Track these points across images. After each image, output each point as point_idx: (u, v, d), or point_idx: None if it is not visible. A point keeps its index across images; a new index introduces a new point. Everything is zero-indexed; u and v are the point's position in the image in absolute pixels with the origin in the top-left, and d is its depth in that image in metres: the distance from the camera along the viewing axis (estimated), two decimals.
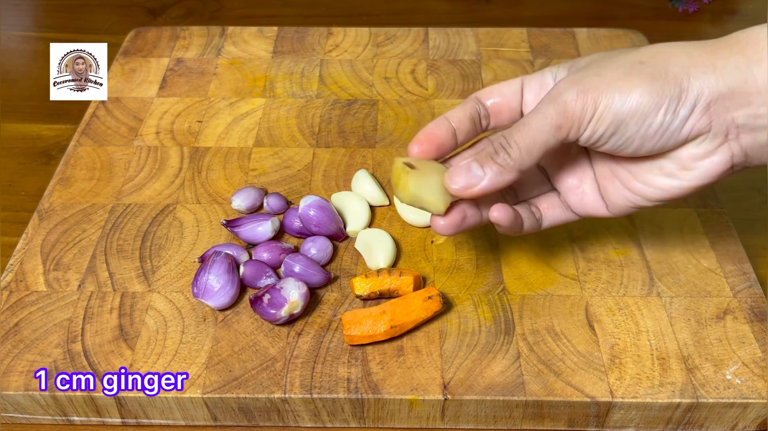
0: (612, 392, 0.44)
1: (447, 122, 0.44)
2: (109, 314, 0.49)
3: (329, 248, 0.52)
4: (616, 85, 0.38)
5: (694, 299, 0.50)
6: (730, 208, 0.57)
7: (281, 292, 0.47)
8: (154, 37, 0.75)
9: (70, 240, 0.54)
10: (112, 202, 0.57)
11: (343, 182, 0.59)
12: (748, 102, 0.37)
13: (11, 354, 0.47)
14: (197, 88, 0.68)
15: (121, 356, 0.46)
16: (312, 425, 0.47)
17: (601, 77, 0.39)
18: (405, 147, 0.62)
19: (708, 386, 0.45)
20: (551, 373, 0.45)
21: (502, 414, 0.46)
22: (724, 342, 0.47)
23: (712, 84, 0.38)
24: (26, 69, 0.78)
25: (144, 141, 0.62)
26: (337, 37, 0.75)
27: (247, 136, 0.63)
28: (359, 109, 0.66)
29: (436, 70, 0.70)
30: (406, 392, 0.45)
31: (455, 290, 0.50)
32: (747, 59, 0.37)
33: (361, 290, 0.49)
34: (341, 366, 0.46)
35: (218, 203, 0.57)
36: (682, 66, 0.38)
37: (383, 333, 0.46)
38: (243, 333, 0.48)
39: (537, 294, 0.50)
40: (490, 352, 0.47)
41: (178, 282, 0.51)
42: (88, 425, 0.47)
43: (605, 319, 0.48)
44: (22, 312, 0.49)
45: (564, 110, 0.39)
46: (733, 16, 0.85)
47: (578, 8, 0.87)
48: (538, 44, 0.73)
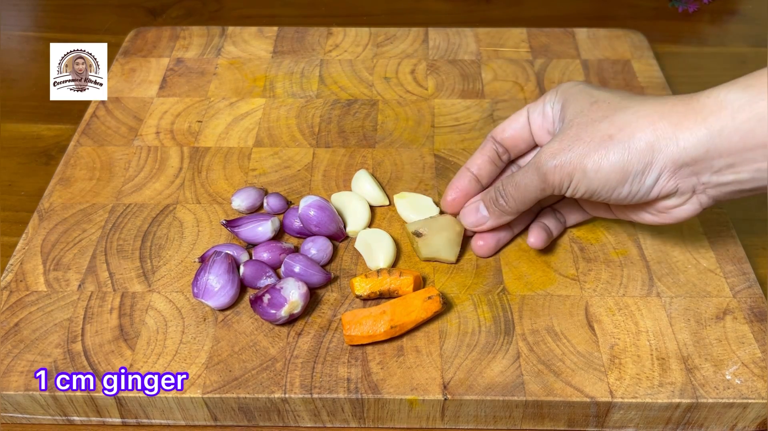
0: (612, 392, 0.44)
1: (469, 173, 0.52)
2: (109, 314, 0.49)
3: (329, 248, 0.52)
4: (589, 161, 0.43)
5: (694, 299, 0.50)
6: (730, 208, 0.57)
7: (281, 292, 0.47)
8: (154, 37, 0.75)
9: (70, 241, 0.54)
10: (112, 202, 0.57)
11: (343, 182, 0.59)
12: (710, 166, 0.42)
13: (11, 354, 0.47)
14: (197, 88, 0.68)
15: (121, 356, 0.46)
16: (312, 425, 0.47)
17: (574, 152, 0.44)
18: (405, 147, 0.62)
19: (708, 386, 0.45)
20: (551, 373, 0.45)
21: (502, 414, 0.46)
22: (723, 343, 0.47)
23: (676, 157, 0.42)
24: (26, 69, 0.78)
25: (144, 141, 0.62)
26: (337, 37, 0.75)
27: (247, 136, 0.63)
28: (359, 109, 0.66)
29: (436, 70, 0.70)
30: (406, 392, 0.45)
31: (455, 290, 0.50)
32: (709, 131, 0.41)
33: (361, 290, 0.49)
34: (341, 366, 0.46)
35: (218, 203, 0.57)
36: (647, 141, 0.42)
37: (383, 333, 0.46)
38: (243, 333, 0.48)
39: (537, 294, 0.50)
40: (490, 352, 0.47)
41: (178, 282, 0.51)
42: (88, 425, 0.47)
43: (605, 319, 0.48)
44: (22, 312, 0.49)
45: (545, 179, 0.46)
46: (733, 16, 0.85)
47: (578, 8, 0.87)
48: (538, 44, 0.73)
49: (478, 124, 0.64)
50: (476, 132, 0.63)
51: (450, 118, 0.65)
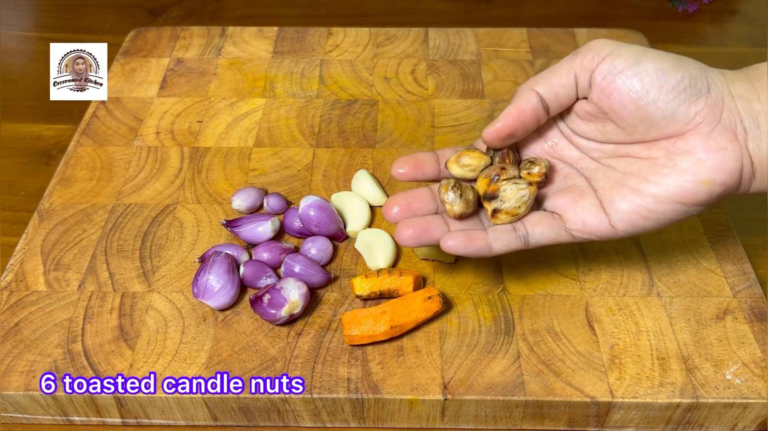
0: (612, 392, 0.44)
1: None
2: (109, 314, 0.49)
3: (329, 248, 0.52)
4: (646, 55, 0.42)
5: (694, 299, 0.50)
6: (730, 208, 0.57)
7: (281, 292, 0.47)
8: (154, 37, 0.75)
9: (71, 241, 0.54)
10: (112, 202, 0.57)
11: (343, 182, 0.59)
12: (750, 108, 0.40)
13: (11, 354, 0.47)
14: (197, 88, 0.68)
15: (121, 356, 0.46)
16: (312, 425, 0.47)
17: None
18: (405, 147, 0.62)
19: (708, 386, 0.45)
20: (551, 373, 0.45)
21: (502, 414, 0.46)
22: (723, 342, 0.47)
23: (725, 89, 0.41)
24: (26, 69, 0.78)
25: (144, 141, 0.62)
26: (337, 37, 0.75)
27: (247, 136, 0.63)
28: (359, 109, 0.66)
29: (436, 70, 0.70)
30: (406, 392, 0.45)
31: (455, 290, 0.50)
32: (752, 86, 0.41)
33: (361, 290, 0.49)
34: (341, 366, 0.46)
35: (218, 203, 0.57)
36: (701, 68, 0.41)
37: (383, 333, 0.46)
38: (243, 333, 0.48)
39: (537, 294, 0.50)
40: (490, 352, 0.47)
41: (178, 282, 0.51)
42: (88, 425, 0.47)
43: (605, 319, 0.48)
44: (22, 312, 0.49)
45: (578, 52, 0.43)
46: (733, 16, 0.85)
47: (578, 8, 0.87)
48: (538, 44, 0.73)
49: (478, 124, 0.64)
50: (476, 132, 0.63)
51: (450, 118, 0.65)
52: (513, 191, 0.43)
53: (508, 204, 0.43)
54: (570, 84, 0.43)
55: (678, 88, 0.40)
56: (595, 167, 0.45)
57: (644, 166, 0.42)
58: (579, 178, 0.46)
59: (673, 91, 0.40)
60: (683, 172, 0.41)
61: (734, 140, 0.40)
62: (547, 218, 0.44)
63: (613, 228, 0.43)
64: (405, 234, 0.43)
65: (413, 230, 0.43)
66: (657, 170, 0.42)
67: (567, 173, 0.46)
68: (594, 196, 0.44)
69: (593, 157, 0.46)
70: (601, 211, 0.43)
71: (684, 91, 0.40)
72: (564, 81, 0.43)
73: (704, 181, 0.40)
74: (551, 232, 0.44)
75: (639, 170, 0.42)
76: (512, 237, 0.44)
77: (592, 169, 0.45)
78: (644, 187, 0.42)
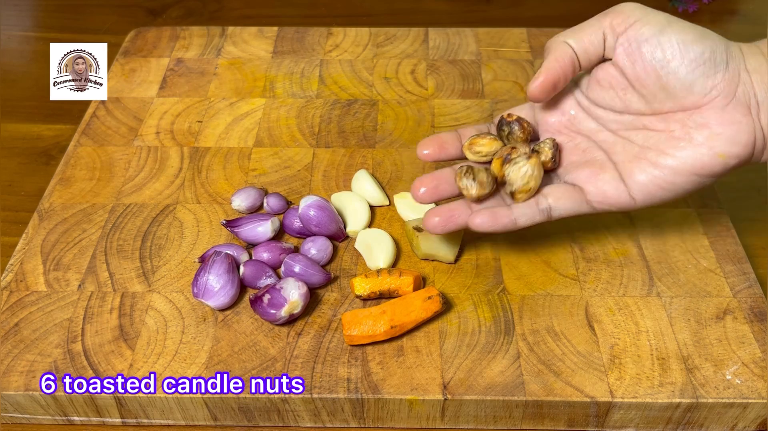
0: (612, 392, 0.44)
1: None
2: (109, 314, 0.49)
3: (329, 248, 0.52)
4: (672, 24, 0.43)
5: (694, 299, 0.50)
6: (730, 208, 0.57)
7: (281, 292, 0.47)
8: (154, 37, 0.75)
9: (70, 241, 0.54)
10: (112, 202, 0.57)
11: (343, 182, 0.59)
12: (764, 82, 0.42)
13: (11, 354, 0.47)
14: (197, 88, 0.68)
15: (121, 356, 0.46)
16: (312, 425, 0.47)
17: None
18: (405, 147, 0.62)
19: (708, 386, 0.45)
20: (551, 373, 0.45)
21: (502, 414, 0.46)
22: (723, 343, 0.47)
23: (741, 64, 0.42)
24: (26, 69, 0.78)
25: (144, 141, 0.62)
26: (337, 37, 0.75)
27: (247, 136, 0.63)
28: (359, 109, 0.66)
29: (436, 70, 0.70)
30: (406, 392, 0.45)
31: (455, 290, 0.50)
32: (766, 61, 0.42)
33: (361, 290, 0.49)
34: (341, 366, 0.46)
35: (218, 203, 0.57)
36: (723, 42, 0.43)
37: (383, 333, 0.46)
38: (243, 333, 0.48)
39: (537, 295, 0.50)
40: (490, 352, 0.47)
41: (178, 282, 0.51)
42: (88, 425, 0.47)
43: (605, 319, 0.48)
44: (22, 312, 0.49)
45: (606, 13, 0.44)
46: (733, 16, 0.85)
47: (578, 8, 0.87)
48: (538, 44, 0.73)
49: (478, 124, 0.64)
50: None
51: (450, 118, 0.65)
52: (515, 171, 0.45)
53: (517, 184, 0.45)
54: (599, 42, 0.45)
55: (698, 61, 0.42)
56: (613, 140, 0.46)
57: (662, 139, 0.44)
58: (598, 151, 0.47)
59: (693, 62, 0.42)
60: (699, 145, 0.42)
61: (747, 114, 0.42)
62: (569, 191, 0.46)
63: (632, 200, 0.44)
64: (432, 222, 0.46)
65: (440, 217, 0.46)
66: (674, 143, 0.43)
67: (585, 147, 0.47)
68: (614, 169, 0.45)
69: (611, 129, 0.47)
70: (621, 183, 0.44)
71: (704, 64, 0.42)
72: (593, 38, 0.45)
73: (720, 153, 0.42)
74: (572, 204, 0.45)
75: (657, 143, 0.44)
76: (535, 211, 0.45)
77: (611, 142, 0.46)
78: (662, 159, 0.43)
